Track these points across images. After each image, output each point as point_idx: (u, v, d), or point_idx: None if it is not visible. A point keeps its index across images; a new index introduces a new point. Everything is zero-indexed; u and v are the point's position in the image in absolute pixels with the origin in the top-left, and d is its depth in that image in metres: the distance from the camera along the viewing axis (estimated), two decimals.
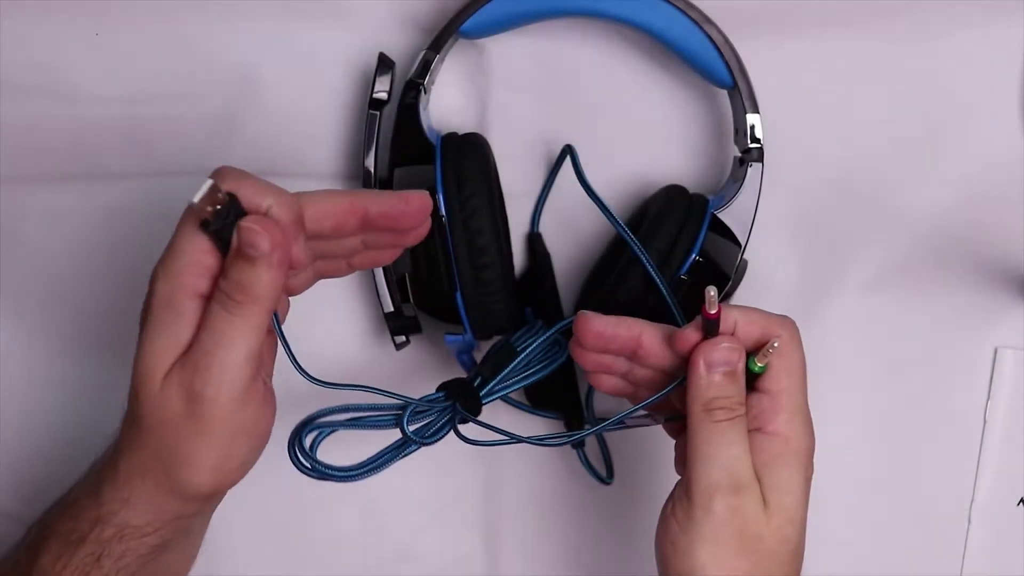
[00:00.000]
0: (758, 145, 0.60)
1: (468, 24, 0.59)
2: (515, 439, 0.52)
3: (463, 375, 0.62)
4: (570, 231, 0.64)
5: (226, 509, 0.54)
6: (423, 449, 0.52)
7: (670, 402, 0.53)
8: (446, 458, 0.62)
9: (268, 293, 0.47)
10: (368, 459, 0.51)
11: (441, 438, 0.53)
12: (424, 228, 0.52)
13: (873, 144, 0.64)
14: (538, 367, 0.56)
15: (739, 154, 0.61)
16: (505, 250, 0.60)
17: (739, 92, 0.59)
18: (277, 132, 0.63)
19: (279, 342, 0.50)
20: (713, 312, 0.49)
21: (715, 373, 0.50)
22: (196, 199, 0.46)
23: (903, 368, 0.65)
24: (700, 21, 0.58)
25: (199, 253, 0.47)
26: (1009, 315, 0.65)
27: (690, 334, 0.51)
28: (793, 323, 0.52)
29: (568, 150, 0.60)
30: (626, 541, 0.66)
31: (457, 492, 0.66)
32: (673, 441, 0.55)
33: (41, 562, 0.51)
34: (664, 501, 0.51)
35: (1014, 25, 0.63)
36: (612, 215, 0.57)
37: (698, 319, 0.50)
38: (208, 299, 0.47)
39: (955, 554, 0.66)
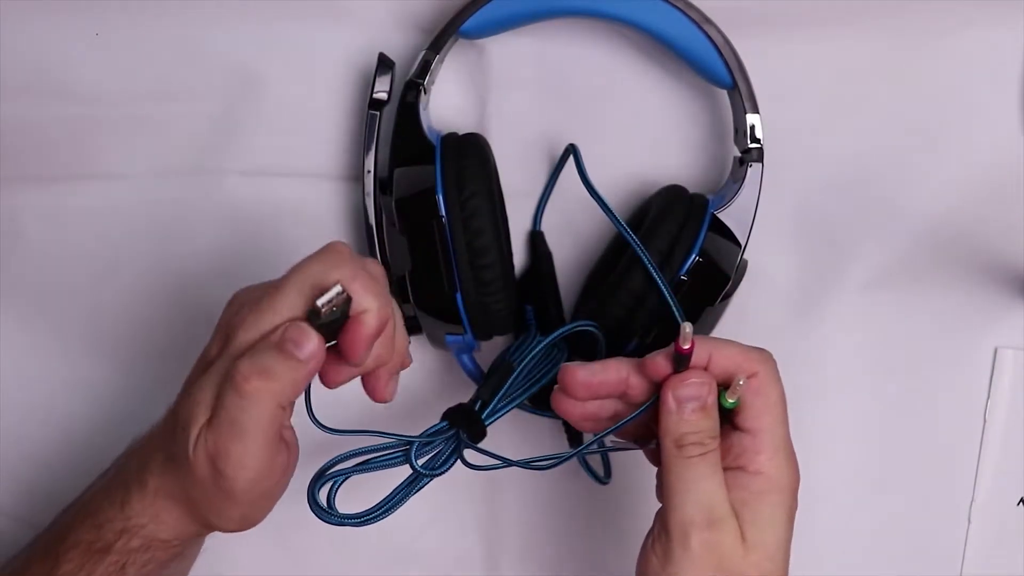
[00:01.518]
0: (758, 145, 0.60)
1: (468, 24, 0.59)
2: (508, 463, 0.53)
3: (463, 375, 0.62)
4: (571, 230, 0.64)
5: None
6: (423, 449, 0.53)
7: (651, 428, 0.52)
8: None
9: (287, 391, 0.47)
10: (383, 500, 0.53)
11: (450, 467, 0.54)
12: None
13: (873, 144, 0.64)
14: (539, 375, 0.56)
15: (739, 154, 0.61)
16: (505, 250, 0.60)
17: (739, 92, 0.59)
18: (277, 132, 0.63)
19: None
20: (686, 347, 0.48)
21: (685, 409, 0.49)
22: (321, 302, 0.46)
23: (903, 368, 0.65)
24: (700, 21, 0.58)
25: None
26: (1009, 315, 0.65)
27: (660, 362, 0.50)
28: (770, 357, 0.51)
29: (571, 149, 0.60)
30: (625, 541, 0.66)
31: (457, 492, 0.66)
32: None
33: (62, 570, 0.51)
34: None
35: (1014, 25, 0.63)
36: (614, 215, 0.57)
37: (670, 347, 0.50)
38: None
39: (955, 554, 0.66)
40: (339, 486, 0.52)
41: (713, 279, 0.58)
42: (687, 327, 0.48)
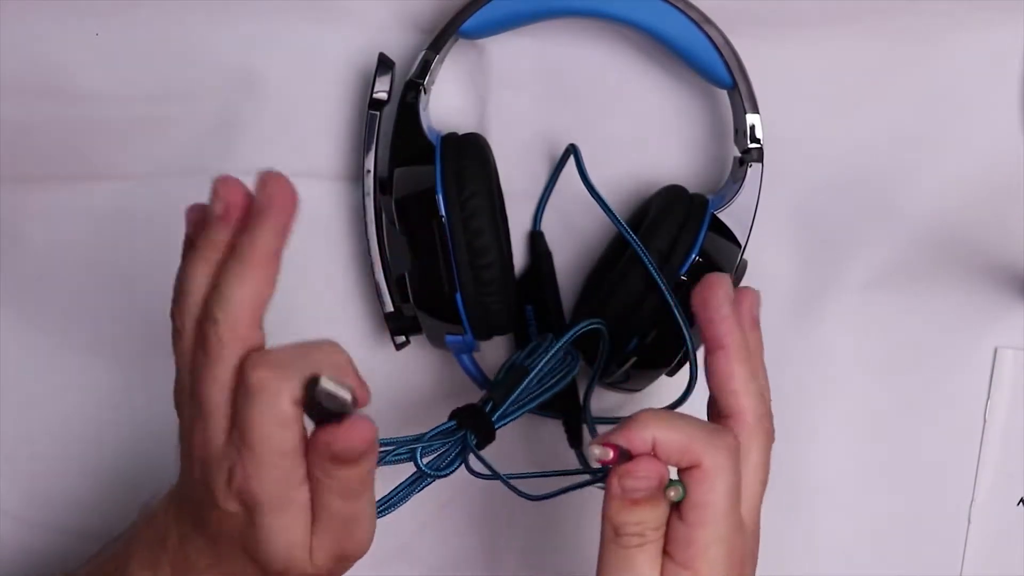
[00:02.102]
0: (758, 145, 0.60)
1: (468, 24, 0.59)
2: (500, 477, 0.54)
3: (463, 376, 0.62)
4: (571, 230, 0.64)
5: None
6: (422, 448, 0.53)
7: None
8: None
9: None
10: (384, 497, 0.52)
11: (455, 469, 0.53)
12: None
13: (873, 144, 0.64)
14: (551, 382, 0.56)
15: (739, 154, 0.61)
16: (505, 250, 0.60)
17: (739, 92, 0.59)
18: (277, 132, 0.63)
19: None
20: (608, 459, 0.46)
21: (627, 498, 0.46)
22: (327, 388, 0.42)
23: (903, 368, 0.65)
24: (700, 21, 0.58)
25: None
26: (1009, 315, 0.65)
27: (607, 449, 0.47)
28: (723, 442, 0.47)
29: (572, 150, 0.60)
30: None
31: (457, 491, 0.66)
32: None
33: None
34: None
35: (1014, 25, 0.63)
36: (615, 216, 0.57)
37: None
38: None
39: (955, 554, 0.66)
40: None
41: None
42: (595, 450, 0.46)
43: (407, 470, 0.53)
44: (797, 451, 0.65)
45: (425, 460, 0.52)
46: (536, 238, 0.64)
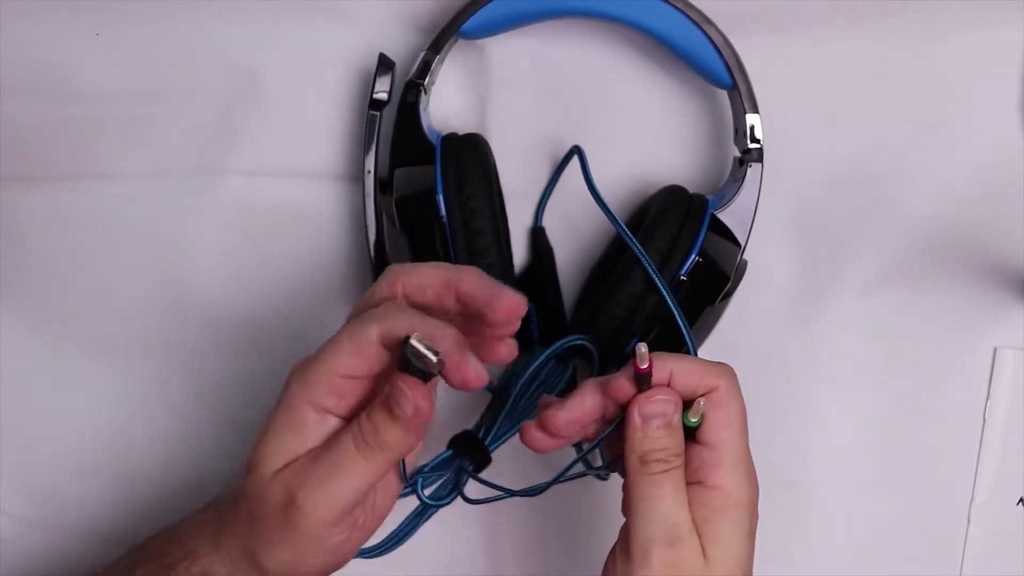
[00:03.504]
0: (758, 145, 0.60)
1: (468, 24, 0.59)
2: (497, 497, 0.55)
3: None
4: (572, 229, 0.64)
5: None
6: (421, 446, 0.53)
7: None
8: None
9: (399, 448, 0.48)
10: (394, 532, 0.54)
11: (456, 497, 0.54)
12: (510, 328, 0.49)
13: (873, 144, 0.64)
14: (544, 392, 0.56)
15: (739, 154, 0.61)
16: (505, 251, 0.60)
17: (739, 92, 0.59)
18: (277, 132, 0.63)
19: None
20: (644, 367, 0.48)
21: (650, 426, 0.49)
22: (417, 349, 0.46)
23: (903, 368, 0.65)
24: (700, 21, 0.59)
25: (336, 376, 0.48)
26: (1009, 315, 0.65)
27: (624, 384, 0.50)
28: (731, 371, 0.51)
29: (576, 151, 0.60)
30: None
31: None
32: None
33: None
34: None
35: (1014, 25, 0.63)
36: (616, 219, 0.57)
37: (630, 368, 0.49)
38: (330, 413, 0.48)
39: (955, 554, 0.66)
40: None
41: (713, 279, 0.58)
42: (642, 347, 0.48)
43: (410, 503, 0.54)
44: (797, 451, 0.65)
45: (427, 491, 0.54)
46: (537, 234, 0.64)
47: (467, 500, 0.55)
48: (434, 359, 0.45)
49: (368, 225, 0.60)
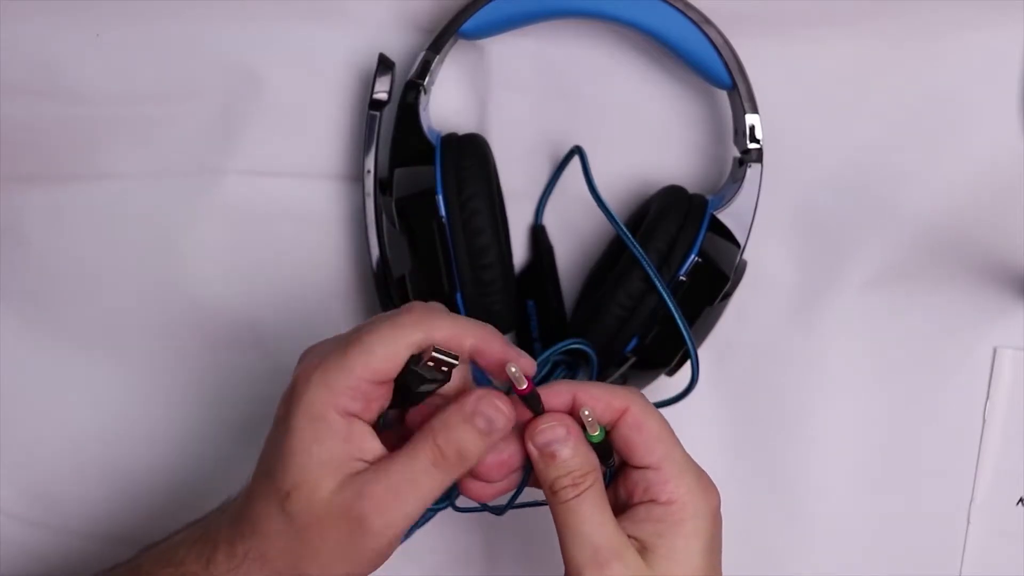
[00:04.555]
0: (758, 146, 0.60)
1: (468, 25, 0.59)
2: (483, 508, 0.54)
3: None
4: (571, 228, 0.65)
5: None
6: None
7: None
8: None
9: (477, 460, 0.48)
10: None
11: (454, 499, 0.53)
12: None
13: (873, 144, 0.64)
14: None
15: (738, 154, 0.61)
16: (505, 250, 0.60)
17: (738, 93, 0.59)
18: (277, 132, 0.63)
19: None
20: (522, 388, 0.48)
21: (545, 453, 0.48)
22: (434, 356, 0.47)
23: (902, 368, 0.65)
24: (700, 22, 0.59)
25: (366, 383, 0.47)
26: (1009, 315, 0.65)
27: (521, 413, 0.49)
28: (637, 393, 0.50)
29: (577, 151, 0.60)
30: None
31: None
32: None
33: None
34: None
35: (1014, 25, 0.63)
36: (616, 220, 0.57)
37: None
38: (355, 417, 0.47)
39: (954, 554, 0.66)
40: None
41: (712, 279, 0.58)
42: (511, 368, 0.47)
43: None
44: (797, 451, 0.65)
45: None
46: (538, 232, 0.64)
47: (456, 509, 0.54)
48: (448, 366, 0.47)
49: (368, 225, 0.60)
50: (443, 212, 0.57)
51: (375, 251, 0.60)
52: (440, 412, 0.48)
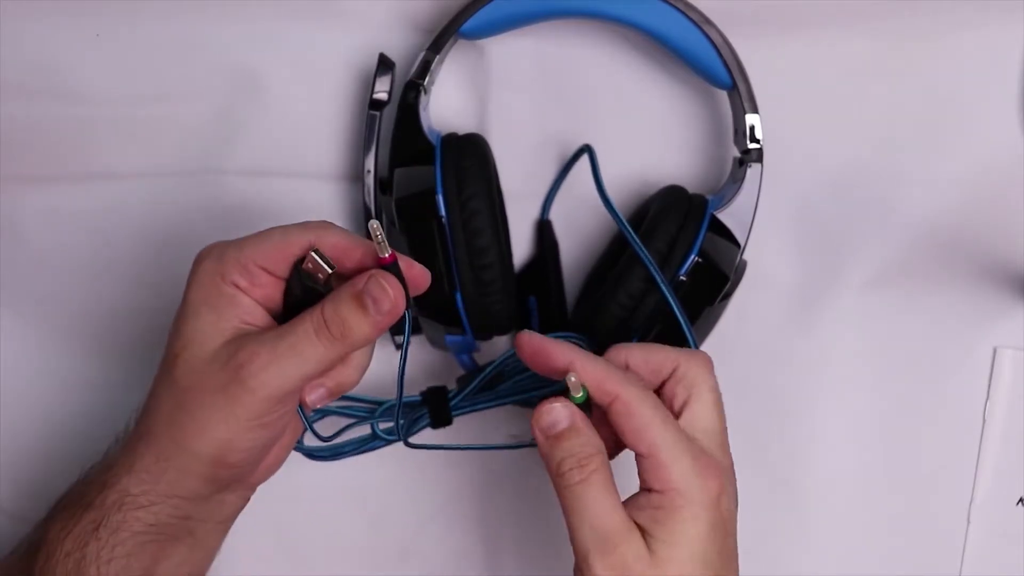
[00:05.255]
0: (758, 146, 0.60)
1: (468, 25, 0.59)
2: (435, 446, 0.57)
3: (463, 375, 0.62)
4: (573, 226, 0.65)
5: None
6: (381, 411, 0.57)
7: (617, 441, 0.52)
8: (444, 456, 0.63)
9: (359, 342, 0.49)
10: (337, 444, 0.57)
11: (397, 440, 0.57)
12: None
13: (873, 144, 0.64)
14: (529, 387, 0.57)
15: (739, 154, 0.61)
16: (505, 250, 0.60)
17: (738, 93, 0.59)
18: (277, 132, 0.63)
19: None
20: (385, 256, 0.49)
21: (549, 435, 0.49)
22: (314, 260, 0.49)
23: (902, 368, 0.65)
24: (700, 22, 0.59)
25: (254, 264, 0.49)
26: (1009, 315, 0.65)
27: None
28: (632, 377, 0.50)
29: (587, 149, 0.60)
30: None
31: (456, 490, 0.66)
32: None
33: (50, 532, 0.51)
34: None
35: (1013, 25, 0.63)
36: (621, 220, 0.56)
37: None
38: (240, 291, 0.49)
39: (954, 554, 0.66)
40: (316, 419, 0.56)
41: (712, 279, 0.58)
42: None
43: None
44: (797, 451, 0.65)
45: (383, 426, 0.57)
46: (544, 227, 0.64)
47: (408, 444, 0.56)
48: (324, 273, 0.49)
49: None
50: (443, 212, 0.57)
51: None
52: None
